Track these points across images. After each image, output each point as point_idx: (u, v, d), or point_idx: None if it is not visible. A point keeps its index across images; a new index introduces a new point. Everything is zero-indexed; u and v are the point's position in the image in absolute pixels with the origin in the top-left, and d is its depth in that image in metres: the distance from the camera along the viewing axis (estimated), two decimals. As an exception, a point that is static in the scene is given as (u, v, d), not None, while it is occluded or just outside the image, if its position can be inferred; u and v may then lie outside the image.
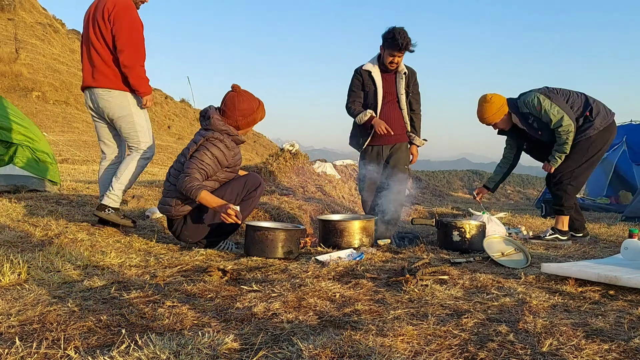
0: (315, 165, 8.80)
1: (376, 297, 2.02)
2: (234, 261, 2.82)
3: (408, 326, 1.61)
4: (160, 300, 1.96)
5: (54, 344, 1.51)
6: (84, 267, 2.63)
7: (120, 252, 3.01)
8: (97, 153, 15.46)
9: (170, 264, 2.74)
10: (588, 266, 2.43)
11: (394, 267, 2.60)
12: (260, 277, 2.39)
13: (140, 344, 1.46)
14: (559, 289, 2.16)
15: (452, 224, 3.41)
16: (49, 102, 24.76)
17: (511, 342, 1.47)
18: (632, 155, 8.35)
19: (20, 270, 2.41)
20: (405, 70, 4.16)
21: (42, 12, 35.55)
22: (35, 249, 2.86)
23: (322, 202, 6.30)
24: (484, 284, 2.24)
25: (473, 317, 1.72)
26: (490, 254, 2.87)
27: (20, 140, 5.12)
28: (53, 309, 1.87)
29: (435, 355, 1.38)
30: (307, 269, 2.52)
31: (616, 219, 6.38)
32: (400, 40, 3.88)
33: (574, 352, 1.40)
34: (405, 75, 4.16)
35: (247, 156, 26.46)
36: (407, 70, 4.18)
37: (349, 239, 3.40)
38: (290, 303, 1.90)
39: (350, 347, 1.41)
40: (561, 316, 1.76)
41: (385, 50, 4.02)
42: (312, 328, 1.63)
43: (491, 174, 4.56)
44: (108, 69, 3.41)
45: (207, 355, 1.38)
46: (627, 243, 2.68)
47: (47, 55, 29.82)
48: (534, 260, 2.91)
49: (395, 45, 3.90)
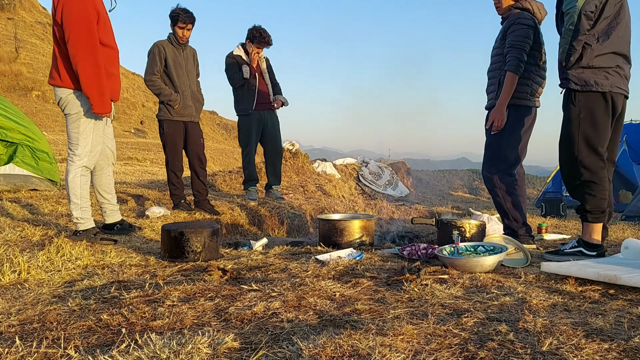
0: (315, 164, 8.80)
1: (376, 297, 2.02)
2: (234, 260, 2.82)
3: (408, 325, 1.61)
4: (160, 300, 1.96)
5: (54, 343, 1.51)
6: (84, 267, 2.63)
7: (120, 252, 3.02)
8: (97, 152, 15.48)
9: (170, 263, 2.75)
10: (588, 265, 2.43)
11: (394, 267, 2.60)
12: (260, 276, 2.39)
13: (140, 343, 1.46)
14: (559, 288, 2.16)
15: (452, 223, 3.41)
16: (48, 101, 24.75)
17: (511, 342, 1.47)
18: (632, 155, 8.36)
19: (21, 270, 2.41)
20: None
21: (42, 11, 35.54)
22: (35, 248, 2.86)
23: (322, 202, 6.30)
24: (484, 283, 2.24)
25: (473, 316, 1.72)
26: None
27: (20, 139, 5.12)
28: (53, 308, 1.87)
29: (435, 355, 1.38)
30: (307, 268, 2.52)
31: (616, 218, 6.38)
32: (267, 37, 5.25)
33: (574, 351, 1.40)
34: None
35: (247, 155, 26.37)
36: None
37: (349, 238, 3.40)
38: (290, 302, 1.90)
39: (350, 347, 1.41)
40: (561, 315, 1.76)
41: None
42: (312, 327, 1.63)
43: None
44: (61, 65, 3.16)
45: (207, 355, 1.38)
46: (627, 242, 2.68)
47: (47, 55, 29.80)
48: (533, 259, 2.91)
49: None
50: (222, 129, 40.49)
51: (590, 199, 2.89)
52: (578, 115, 2.92)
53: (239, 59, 5.33)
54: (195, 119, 4.83)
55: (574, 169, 2.95)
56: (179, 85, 4.63)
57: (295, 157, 8.28)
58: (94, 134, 3.26)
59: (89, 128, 3.24)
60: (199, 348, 1.40)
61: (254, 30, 5.26)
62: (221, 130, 40.33)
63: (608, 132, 2.97)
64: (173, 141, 4.68)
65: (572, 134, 2.93)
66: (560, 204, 6.92)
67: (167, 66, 4.59)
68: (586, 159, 2.89)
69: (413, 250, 2.99)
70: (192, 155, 4.80)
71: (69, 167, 3.23)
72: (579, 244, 2.98)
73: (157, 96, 4.63)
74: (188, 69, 4.74)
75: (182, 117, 4.69)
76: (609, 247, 3.59)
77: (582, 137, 2.90)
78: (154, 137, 23.08)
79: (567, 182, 3.09)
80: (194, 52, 4.88)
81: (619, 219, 6.21)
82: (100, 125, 3.30)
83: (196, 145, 4.79)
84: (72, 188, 3.21)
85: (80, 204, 3.23)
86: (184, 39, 4.62)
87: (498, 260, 2.56)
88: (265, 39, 5.24)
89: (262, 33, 5.22)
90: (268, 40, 5.28)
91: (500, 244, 2.86)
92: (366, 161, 10.08)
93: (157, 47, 4.57)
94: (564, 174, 3.10)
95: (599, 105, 2.89)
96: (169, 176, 4.80)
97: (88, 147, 3.24)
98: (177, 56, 4.64)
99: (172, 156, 4.72)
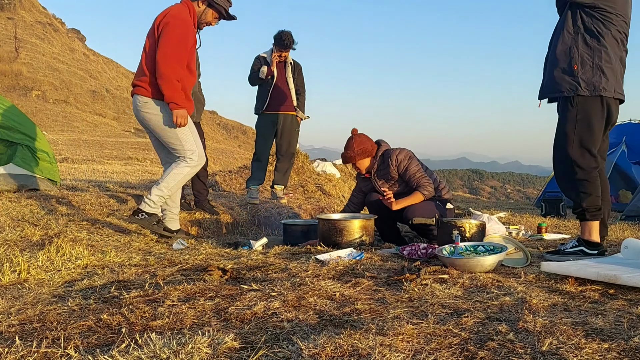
0: (315, 164, 8.80)
1: (376, 296, 2.02)
2: (234, 260, 2.82)
3: (408, 325, 1.61)
4: (160, 300, 1.96)
5: (54, 343, 1.51)
6: (84, 267, 2.63)
7: (120, 252, 3.02)
8: (96, 152, 15.45)
9: (171, 263, 2.75)
10: (588, 265, 2.43)
11: (394, 267, 2.60)
12: (260, 276, 2.39)
13: (140, 343, 1.46)
14: (559, 288, 2.16)
15: (452, 223, 3.41)
16: (48, 101, 24.76)
17: (511, 341, 1.47)
18: (631, 155, 8.37)
19: (20, 270, 2.41)
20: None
21: (42, 11, 35.55)
22: (35, 248, 2.86)
23: (322, 201, 6.30)
24: (484, 283, 2.24)
25: (473, 316, 1.72)
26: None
27: (20, 139, 5.12)
28: (53, 308, 1.87)
29: (435, 355, 1.38)
30: (307, 268, 2.52)
31: (616, 218, 6.38)
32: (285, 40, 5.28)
33: (574, 351, 1.40)
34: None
35: (247, 155, 26.42)
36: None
37: (349, 238, 3.40)
38: (290, 302, 1.90)
39: (350, 347, 1.41)
40: (561, 315, 1.76)
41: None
42: (312, 327, 1.63)
43: (491, 173, 4.50)
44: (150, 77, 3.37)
45: (207, 355, 1.38)
46: (627, 242, 2.68)
47: (47, 54, 29.83)
48: (533, 259, 2.91)
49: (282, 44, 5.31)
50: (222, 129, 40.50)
51: (585, 197, 2.92)
52: (575, 116, 2.94)
53: (262, 60, 5.45)
54: (196, 120, 4.83)
55: (568, 168, 2.98)
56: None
57: (295, 157, 8.28)
58: (192, 134, 3.47)
59: (185, 130, 3.42)
60: (199, 348, 1.40)
61: (277, 34, 5.34)
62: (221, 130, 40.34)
63: (601, 134, 3.02)
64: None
65: (567, 134, 2.96)
66: (560, 204, 6.93)
67: None
68: (580, 158, 2.94)
69: (413, 250, 2.99)
70: (192, 155, 4.80)
71: (181, 163, 3.41)
72: (579, 244, 2.98)
73: None
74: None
75: None
76: (609, 247, 3.59)
77: (577, 138, 2.94)
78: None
79: (560, 181, 3.13)
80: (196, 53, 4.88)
81: (619, 219, 6.21)
82: (192, 128, 3.49)
83: (197, 146, 4.79)
84: (170, 178, 3.39)
85: (165, 194, 3.41)
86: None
87: (498, 260, 2.56)
88: (284, 42, 5.28)
89: (283, 37, 5.29)
90: (287, 44, 5.30)
91: (500, 244, 2.86)
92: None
93: None
94: (558, 174, 3.13)
95: (596, 108, 2.94)
96: (169, 176, 4.80)
97: (193, 146, 3.44)
98: None
99: None
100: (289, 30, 5.35)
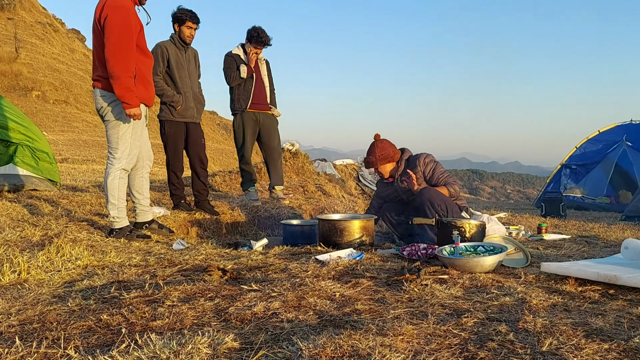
0: (315, 164, 8.80)
1: (376, 297, 2.02)
2: (234, 261, 2.82)
3: (408, 325, 1.61)
4: (160, 300, 1.96)
5: (54, 343, 1.51)
6: (84, 267, 2.63)
7: (120, 252, 3.02)
8: (96, 152, 15.45)
9: (170, 263, 2.75)
10: (588, 265, 2.43)
11: (394, 267, 2.60)
12: (260, 276, 2.39)
13: (140, 343, 1.46)
14: (559, 289, 2.16)
15: (452, 223, 3.41)
16: (48, 101, 24.76)
17: (511, 342, 1.47)
18: (632, 154, 8.36)
19: (20, 270, 2.41)
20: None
21: (42, 11, 35.54)
22: (35, 248, 2.86)
23: (322, 202, 6.30)
24: (484, 283, 2.24)
25: (473, 316, 1.72)
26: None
27: (20, 139, 5.12)
28: (53, 309, 1.87)
29: (435, 355, 1.38)
30: (307, 268, 2.52)
31: (616, 218, 6.38)
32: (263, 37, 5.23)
33: (574, 351, 1.40)
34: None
35: (247, 156, 26.41)
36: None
37: (349, 238, 3.40)
38: (290, 302, 1.90)
39: (350, 347, 1.41)
40: (561, 315, 1.76)
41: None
42: (312, 327, 1.63)
43: (491, 173, 4.52)
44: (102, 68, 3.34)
45: (207, 355, 1.38)
46: (627, 242, 2.68)
47: (47, 55, 29.82)
48: (533, 259, 2.91)
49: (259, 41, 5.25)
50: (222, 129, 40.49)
51: None
52: None
53: (237, 58, 5.31)
54: (196, 120, 4.83)
55: None
56: (181, 86, 4.63)
57: (295, 157, 8.28)
58: (132, 138, 3.46)
59: (128, 132, 3.43)
60: (199, 348, 1.40)
61: (252, 30, 5.27)
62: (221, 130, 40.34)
63: None
64: (174, 142, 4.69)
65: None
66: (560, 204, 6.92)
67: (169, 67, 4.60)
68: None
69: (413, 250, 2.99)
70: (193, 156, 4.80)
71: (109, 170, 3.44)
72: None
73: (160, 97, 4.62)
74: (190, 70, 4.74)
75: (183, 118, 4.69)
76: (609, 247, 3.59)
77: None
78: (154, 137, 23.05)
79: None
80: (196, 53, 4.89)
81: (619, 219, 6.21)
82: (138, 129, 3.50)
83: (197, 146, 4.80)
84: (110, 189, 3.43)
85: (117, 204, 3.46)
86: (191, 39, 4.65)
87: (498, 260, 2.56)
88: (262, 39, 5.22)
89: (260, 33, 5.22)
90: (265, 41, 5.26)
91: (500, 244, 2.86)
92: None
93: (160, 48, 4.57)
94: None
95: None
96: (169, 176, 4.80)
97: (127, 151, 3.44)
98: (180, 57, 4.65)
99: (173, 157, 4.72)
100: (261, 26, 5.29)
